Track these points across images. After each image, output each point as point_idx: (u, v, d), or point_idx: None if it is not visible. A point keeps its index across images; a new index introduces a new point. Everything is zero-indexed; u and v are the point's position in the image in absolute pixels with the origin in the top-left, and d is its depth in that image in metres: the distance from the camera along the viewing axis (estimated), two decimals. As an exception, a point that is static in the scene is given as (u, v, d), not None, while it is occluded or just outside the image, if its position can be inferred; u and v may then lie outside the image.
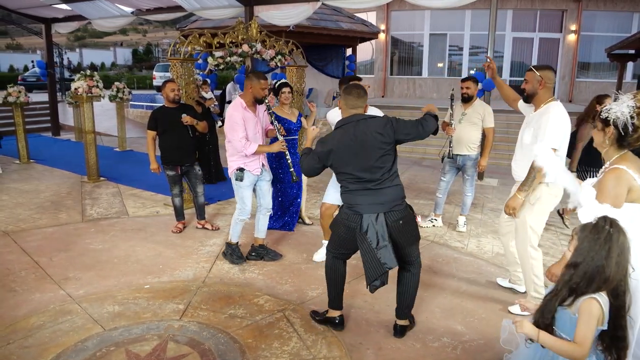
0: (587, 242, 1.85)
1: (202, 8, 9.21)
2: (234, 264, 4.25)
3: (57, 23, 11.92)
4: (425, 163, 9.79)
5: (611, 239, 1.81)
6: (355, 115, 2.94)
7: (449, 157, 5.21)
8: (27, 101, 8.61)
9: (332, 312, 3.22)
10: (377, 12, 17.16)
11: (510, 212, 3.36)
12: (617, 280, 1.82)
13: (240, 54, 5.87)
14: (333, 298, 3.20)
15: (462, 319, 3.38)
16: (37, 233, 4.97)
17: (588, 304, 1.82)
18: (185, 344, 2.95)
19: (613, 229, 1.83)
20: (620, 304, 1.83)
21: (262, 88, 4.00)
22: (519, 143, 3.55)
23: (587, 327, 1.80)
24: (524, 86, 3.39)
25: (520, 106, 3.68)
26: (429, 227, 5.44)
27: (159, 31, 66.31)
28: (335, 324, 3.19)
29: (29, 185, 7.08)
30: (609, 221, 1.85)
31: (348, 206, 2.94)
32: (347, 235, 2.97)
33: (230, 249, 4.33)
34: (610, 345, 1.87)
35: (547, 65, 3.41)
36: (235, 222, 4.30)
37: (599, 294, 1.82)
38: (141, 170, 8.14)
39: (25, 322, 3.19)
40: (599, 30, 16.30)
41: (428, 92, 17.43)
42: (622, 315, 1.84)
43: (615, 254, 1.80)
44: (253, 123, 4.11)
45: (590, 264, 1.82)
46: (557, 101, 3.33)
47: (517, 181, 3.54)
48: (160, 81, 22.91)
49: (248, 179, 4.14)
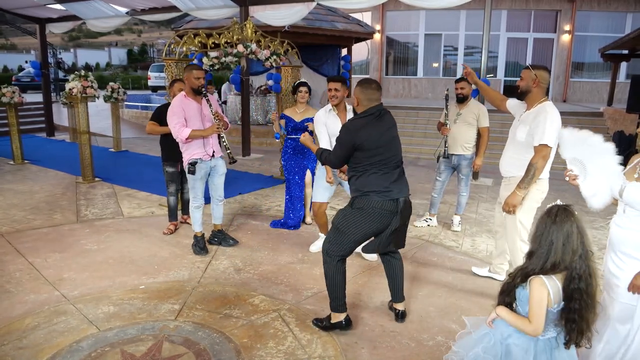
0: (543, 228, 1.97)
1: (197, 8, 9.21)
2: (197, 255, 4.44)
3: (51, 23, 11.88)
4: (420, 163, 9.81)
5: (562, 225, 1.92)
6: (377, 105, 3.08)
7: (444, 156, 5.23)
8: (21, 101, 8.57)
9: (337, 316, 3.14)
10: (372, 12, 17.19)
11: (510, 210, 3.42)
12: (566, 264, 1.92)
13: (235, 54, 5.88)
14: (340, 302, 3.13)
15: (456, 317, 3.39)
16: (32, 234, 4.95)
17: (535, 284, 1.94)
18: (181, 344, 2.95)
19: (560, 215, 1.93)
20: (574, 287, 1.92)
21: (195, 78, 4.16)
22: (510, 140, 3.63)
23: (536, 305, 1.93)
24: (519, 83, 3.48)
25: (509, 105, 3.76)
26: (423, 226, 5.46)
27: (154, 31, 66.21)
28: (343, 326, 3.14)
29: (24, 186, 7.05)
30: (557, 208, 1.97)
31: (379, 192, 2.96)
32: (372, 226, 2.98)
33: (195, 239, 4.55)
34: (564, 325, 1.98)
35: (543, 66, 3.50)
36: (191, 211, 4.51)
37: (549, 276, 1.94)
38: (136, 171, 8.14)
39: (20, 323, 3.18)
40: (593, 31, 16.40)
41: (423, 92, 17.48)
42: (575, 298, 1.92)
43: (560, 241, 1.91)
44: (195, 111, 4.25)
45: (543, 248, 1.95)
46: (550, 101, 3.40)
47: (504, 177, 3.67)
48: (156, 82, 22.92)
49: (200, 172, 4.33)
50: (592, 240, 5.14)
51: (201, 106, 4.30)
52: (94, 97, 7.35)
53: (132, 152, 10.14)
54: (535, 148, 3.29)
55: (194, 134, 4.15)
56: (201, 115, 4.29)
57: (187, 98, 4.26)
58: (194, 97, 4.28)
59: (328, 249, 3.07)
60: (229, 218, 5.56)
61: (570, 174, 2.41)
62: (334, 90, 4.09)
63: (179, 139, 4.16)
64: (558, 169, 3.12)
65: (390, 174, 3.02)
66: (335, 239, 3.05)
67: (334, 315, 3.15)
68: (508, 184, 3.60)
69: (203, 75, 4.25)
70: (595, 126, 11.52)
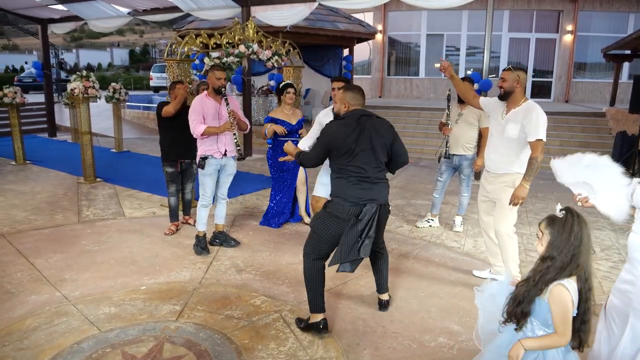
0: (562, 236, 1.96)
1: (198, 8, 9.21)
2: (198, 255, 4.46)
3: (53, 24, 11.89)
4: (421, 164, 9.80)
5: (581, 229, 1.95)
6: (358, 110, 3.11)
7: (445, 157, 5.22)
8: (23, 102, 8.59)
9: (315, 316, 3.11)
10: (374, 12, 17.18)
11: (519, 202, 3.52)
12: (585, 265, 1.95)
13: (237, 54, 5.87)
14: (317, 301, 3.11)
15: (458, 318, 3.38)
16: (33, 234, 4.95)
17: (559, 293, 1.91)
18: (182, 345, 2.94)
19: (580, 219, 1.96)
20: (588, 288, 1.96)
21: (216, 78, 4.36)
22: (498, 137, 3.77)
23: (563, 315, 1.90)
24: (501, 84, 3.66)
25: (483, 102, 3.96)
26: (425, 227, 5.44)
27: (156, 32, 66.27)
28: (319, 329, 3.08)
29: (25, 186, 7.06)
30: (574, 213, 1.98)
31: (345, 198, 2.98)
32: (338, 229, 2.98)
33: (196, 239, 4.58)
34: (579, 328, 1.97)
35: (522, 67, 3.77)
36: (198, 209, 4.57)
37: (567, 280, 1.93)
38: (138, 171, 8.14)
39: (21, 323, 3.18)
40: (595, 31, 16.36)
41: (425, 92, 17.46)
42: (588, 298, 1.96)
43: (586, 242, 1.95)
44: (214, 110, 4.42)
45: (567, 255, 1.94)
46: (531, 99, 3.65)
47: (496, 173, 3.79)
48: (157, 82, 22.93)
49: (210, 167, 4.43)
50: (595, 240, 5.13)
51: (220, 106, 4.45)
52: (95, 97, 7.35)
53: (134, 153, 10.15)
54: (532, 143, 3.47)
55: (208, 130, 4.31)
56: (219, 114, 4.45)
57: (208, 97, 4.44)
58: (214, 97, 4.45)
59: (305, 248, 3.17)
60: (231, 218, 5.55)
61: (580, 197, 2.36)
62: (336, 90, 4.11)
63: (195, 134, 4.33)
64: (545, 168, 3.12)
65: (363, 184, 2.99)
66: (310, 240, 3.15)
67: (312, 316, 3.14)
68: (497, 180, 3.77)
69: (224, 75, 4.44)
70: (597, 126, 11.51)
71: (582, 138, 10.90)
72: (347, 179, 3.00)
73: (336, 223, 2.99)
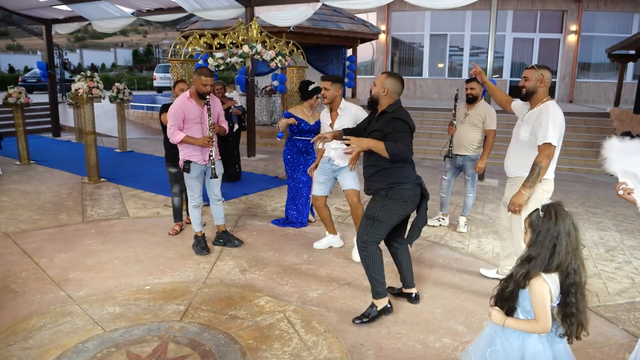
0: (539, 236, 1.98)
1: (202, 9, 9.23)
2: (199, 254, 4.45)
3: (57, 24, 11.93)
4: (425, 164, 9.78)
5: (558, 226, 1.94)
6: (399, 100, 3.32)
7: (448, 156, 5.23)
8: (28, 102, 8.61)
9: (382, 302, 3.32)
10: (377, 12, 17.18)
11: (515, 210, 3.40)
12: (567, 262, 1.96)
13: (240, 54, 5.88)
14: (383, 286, 3.32)
15: (463, 319, 3.37)
16: (38, 234, 4.97)
17: (538, 285, 1.95)
18: (186, 345, 2.94)
19: (558, 216, 1.95)
20: (570, 282, 1.96)
21: (202, 84, 4.10)
22: (514, 139, 3.64)
23: (541, 305, 1.95)
24: (524, 84, 3.45)
25: (515, 106, 3.78)
26: (436, 225, 5.45)
27: (160, 32, 66.46)
28: (390, 310, 3.34)
29: (30, 186, 7.08)
30: (553, 209, 1.97)
31: (410, 181, 3.22)
32: (405, 212, 3.26)
33: (195, 239, 4.55)
34: (564, 319, 2.00)
35: (546, 66, 3.50)
36: (190, 211, 4.54)
37: (547, 275, 1.96)
38: (142, 171, 8.16)
39: (25, 323, 3.19)
40: (600, 31, 16.32)
41: (428, 92, 17.45)
42: (571, 292, 1.96)
43: (564, 242, 1.94)
44: (196, 114, 4.24)
45: (545, 257, 1.96)
46: (553, 100, 3.41)
47: (509, 177, 3.68)
48: (161, 82, 22.97)
49: (195, 171, 4.35)
50: (600, 241, 5.11)
51: (203, 110, 4.29)
52: (99, 97, 7.38)
53: (138, 153, 10.17)
54: (539, 147, 3.29)
55: (186, 139, 4.17)
56: (201, 117, 4.28)
57: (190, 100, 4.22)
58: (197, 100, 4.24)
59: (363, 238, 3.25)
60: (234, 219, 5.56)
61: (625, 187, 2.23)
62: (323, 90, 4.29)
63: (172, 140, 4.23)
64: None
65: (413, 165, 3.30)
66: (373, 229, 3.23)
67: (378, 302, 3.30)
68: (513, 184, 3.60)
69: (211, 82, 4.18)
70: (601, 127, 11.47)
71: (586, 138, 10.86)
72: (411, 163, 3.23)
73: (404, 207, 3.23)
